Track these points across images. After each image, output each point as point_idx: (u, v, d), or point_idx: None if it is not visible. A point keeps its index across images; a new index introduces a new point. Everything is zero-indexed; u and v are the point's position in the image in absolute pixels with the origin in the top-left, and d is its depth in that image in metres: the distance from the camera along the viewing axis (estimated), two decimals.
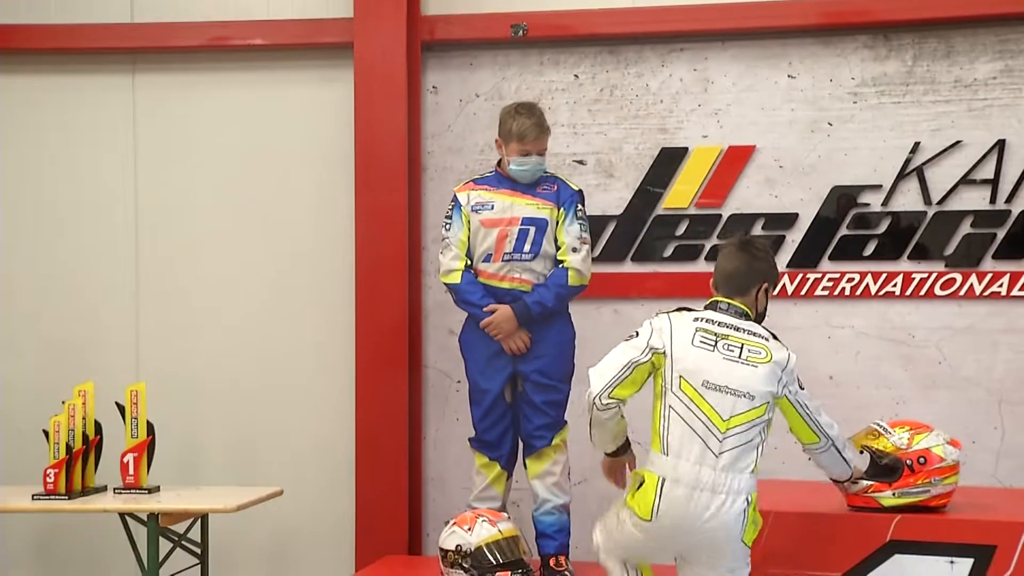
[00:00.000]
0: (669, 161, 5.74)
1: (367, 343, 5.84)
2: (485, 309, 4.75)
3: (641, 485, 3.80)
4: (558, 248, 4.82)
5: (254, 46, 6.07)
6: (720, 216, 5.68)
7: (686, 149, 5.72)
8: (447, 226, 4.90)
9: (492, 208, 4.81)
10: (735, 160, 5.68)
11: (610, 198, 5.79)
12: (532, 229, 4.77)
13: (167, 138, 6.19)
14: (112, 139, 6.21)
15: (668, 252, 5.74)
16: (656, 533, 3.75)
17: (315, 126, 6.07)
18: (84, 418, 5.02)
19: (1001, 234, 5.39)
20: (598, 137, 5.83)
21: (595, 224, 5.59)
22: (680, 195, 5.73)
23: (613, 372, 3.90)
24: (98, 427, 5.13)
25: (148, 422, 5.09)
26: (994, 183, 5.37)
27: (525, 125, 4.75)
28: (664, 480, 3.73)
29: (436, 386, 5.97)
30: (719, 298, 3.98)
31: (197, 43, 6.06)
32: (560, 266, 4.81)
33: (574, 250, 4.81)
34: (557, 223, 4.81)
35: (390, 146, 5.82)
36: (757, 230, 5.65)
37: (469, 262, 4.84)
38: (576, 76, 5.85)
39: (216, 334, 6.17)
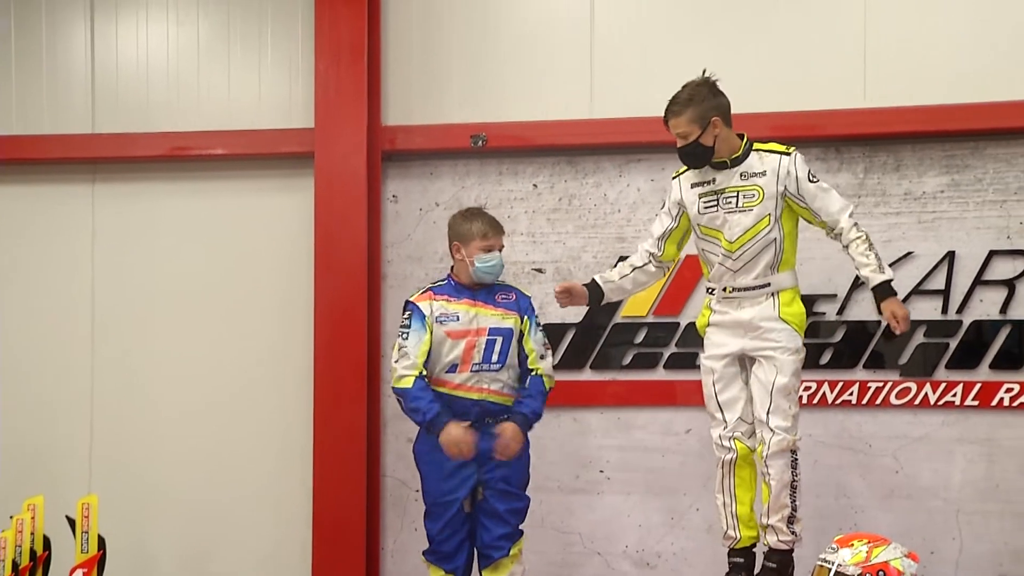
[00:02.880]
0: None
1: (325, 452, 5.80)
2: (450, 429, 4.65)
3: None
4: (524, 356, 4.82)
5: (215, 156, 6.11)
6: (678, 324, 5.72)
7: None
8: (404, 335, 4.81)
9: (457, 319, 4.77)
10: (692, 269, 5.69)
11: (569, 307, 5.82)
12: (499, 339, 4.76)
13: (127, 247, 6.21)
14: (71, 248, 6.22)
15: (627, 360, 5.76)
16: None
17: (275, 234, 6.11)
18: (32, 533, 4.92)
19: (953, 344, 5.45)
20: (557, 246, 5.88)
21: (554, 332, 5.64)
22: (638, 303, 5.76)
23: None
24: (47, 542, 5.02)
25: (99, 536, 5.00)
26: (945, 294, 5.44)
27: (484, 221, 4.79)
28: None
29: (394, 495, 5.91)
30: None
31: (157, 153, 6.11)
32: (534, 374, 4.80)
33: (542, 357, 4.84)
34: (522, 333, 4.81)
35: (350, 254, 5.86)
36: None
37: (424, 372, 4.79)
38: (535, 185, 5.92)
39: (171, 443, 6.12)
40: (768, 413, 4.43)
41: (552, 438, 5.66)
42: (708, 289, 4.62)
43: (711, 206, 4.51)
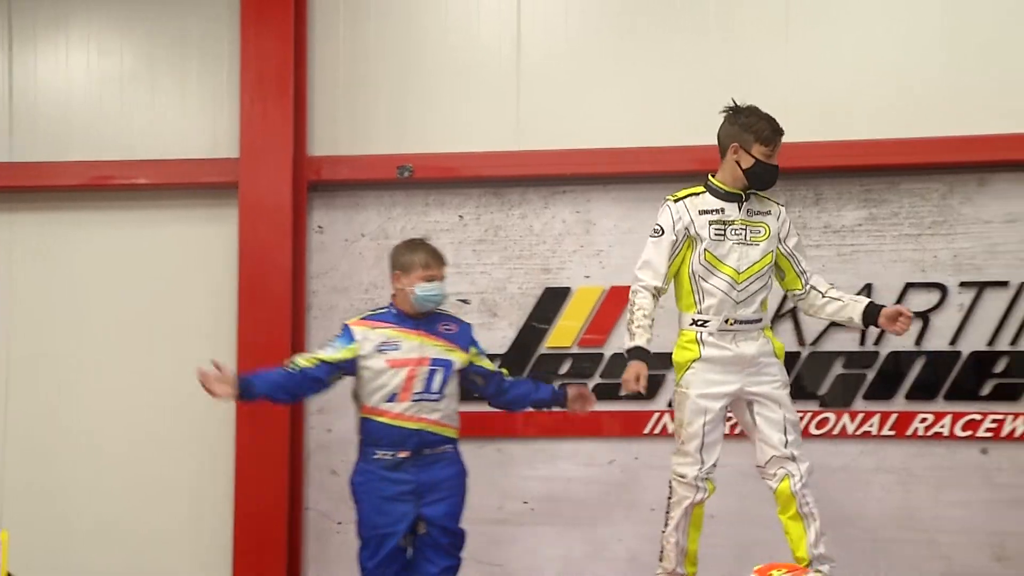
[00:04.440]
0: (552, 301, 5.83)
1: (247, 484, 5.74)
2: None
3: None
4: (486, 371, 4.86)
5: (137, 186, 6.05)
6: (603, 355, 5.75)
7: (568, 289, 5.81)
8: (326, 346, 4.76)
9: (398, 348, 4.70)
10: (617, 300, 5.77)
11: (494, 337, 5.82)
12: (440, 370, 4.72)
13: (45, 278, 6.13)
14: None
15: None
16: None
17: (199, 265, 6.05)
18: None
19: (871, 375, 5.55)
20: (482, 277, 5.90)
21: None
22: (563, 334, 5.80)
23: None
24: None
25: (9, 574, 4.86)
26: None
27: (427, 252, 4.77)
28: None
29: (317, 528, 5.85)
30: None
31: (78, 182, 6.04)
32: (506, 377, 4.94)
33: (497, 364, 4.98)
34: (471, 362, 4.82)
35: (275, 285, 5.82)
36: None
37: (308, 367, 4.66)
38: (461, 217, 5.94)
39: (89, 475, 6.04)
40: (788, 447, 4.47)
41: (476, 468, 5.60)
42: (697, 322, 4.52)
43: (719, 234, 4.50)
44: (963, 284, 5.51)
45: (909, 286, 5.51)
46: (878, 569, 5.47)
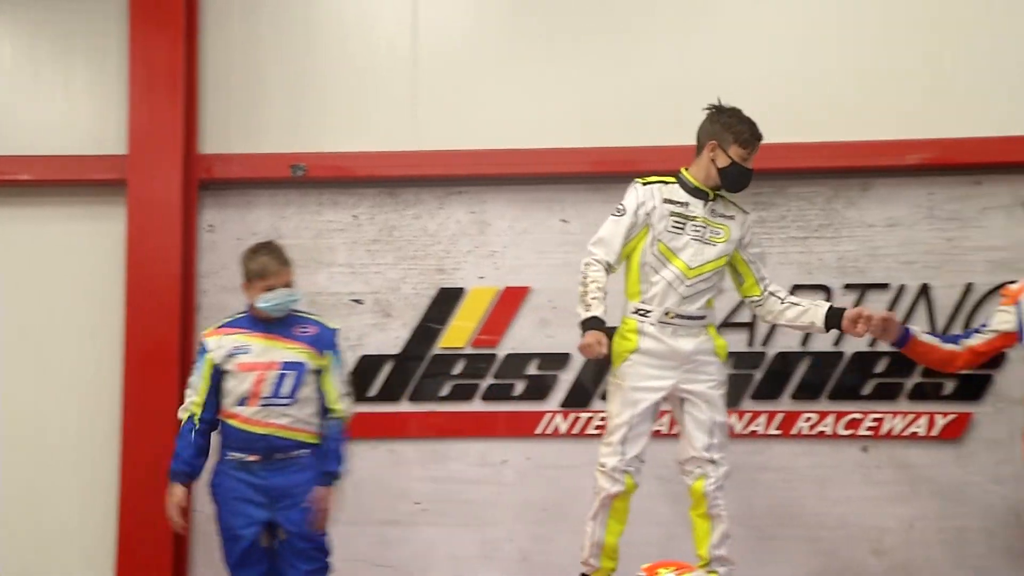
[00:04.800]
0: (447, 301, 5.83)
1: (132, 487, 5.63)
2: None
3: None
4: (324, 395, 4.74)
5: (19, 182, 5.89)
6: (495, 355, 5.77)
7: (463, 290, 5.82)
8: (192, 371, 4.79)
9: (249, 352, 4.69)
10: (511, 301, 5.81)
11: (387, 337, 5.81)
12: (292, 374, 4.68)
13: None
14: None
15: (445, 391, 5.78)
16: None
17: (85, 264, 5.92)
18: None
19: (759, 375, 5.66)
20: (376, 277, 5.87)
21: (372, 364, 5.65)
22: (457, 334, 5.81)
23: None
24: None
25: None
26: (751, 326, 5.64)
27: (267, 259, 4.71)
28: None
29: (205, 531, 5.73)
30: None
31: None
32: (331, 417, 4.72)
33: (342, 396, 4.78)
34: (321, 369, 4.74)
35: (163, 284, 5.73)
36: (532, 369, 5.76)
37: (200, 415, 4.71)
38: (355, 216, 5.90)
39: None
40: (709, 449, 4.47)
41: (367, 469, 5.61)
42: (640, 311, 4.50)
43: (678, 227, 4.49)
44: (847, 286, 5.65)
45: (796, 288, 5.61)
46: (763, 565, 5.57)
